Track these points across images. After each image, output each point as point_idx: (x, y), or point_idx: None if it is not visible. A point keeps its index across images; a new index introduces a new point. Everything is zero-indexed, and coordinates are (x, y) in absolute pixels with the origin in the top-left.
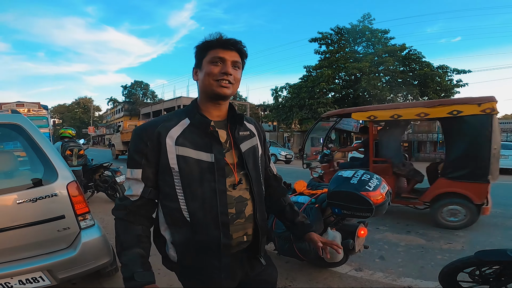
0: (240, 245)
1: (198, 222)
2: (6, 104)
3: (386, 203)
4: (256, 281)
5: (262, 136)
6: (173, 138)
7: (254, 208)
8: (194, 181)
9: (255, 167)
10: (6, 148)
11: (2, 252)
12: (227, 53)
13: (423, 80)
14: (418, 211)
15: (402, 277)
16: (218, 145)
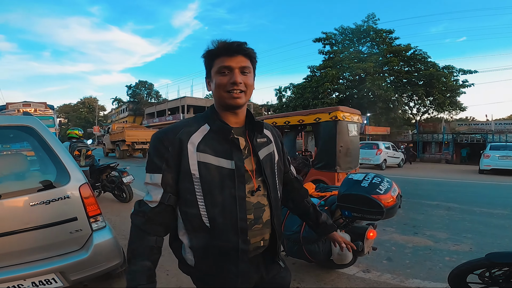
0: (257, 249)
1: (218, 228)
2: (12, 104)
3: (397, 206)
4: (270, 284)
5: (279, 141)
6: (194, 144)
7: (271, 214)
8: (214, 188)
9: (272, 173)
10: (13, 147)
11: (15, 254)
12: (233, 60)
13: (429, 80)
14: (426, 213)
15: (410, 278)
16: (238, 152)
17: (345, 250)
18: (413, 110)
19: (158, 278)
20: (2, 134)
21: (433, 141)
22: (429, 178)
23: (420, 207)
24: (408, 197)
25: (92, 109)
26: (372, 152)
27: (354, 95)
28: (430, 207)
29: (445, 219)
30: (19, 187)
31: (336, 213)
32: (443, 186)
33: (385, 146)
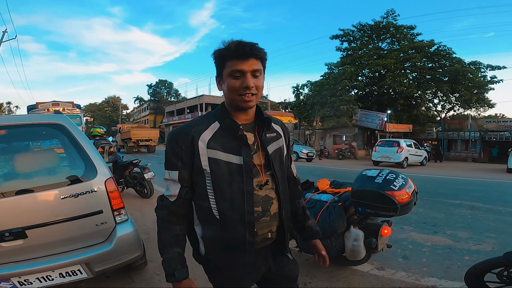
0: (265, 241)
1: (227, 220)
2: (42, 103)
3: (412, 202)
4: (278, 276)
5: (287, 137)
6: (205, 142)
7: (279, 207)
8: (224, 182)
9: (281, 167)
10: (43, 145)
11: (46, 246)
12: (245, 63)
13: (454, 77)
14: (448, 212)
15: (426, 277)
16: (246, 148)
17: (358, 247)
18: (438, 107)
19: None
20: (35, 132)
21: (459, 138)
22: (453, 176)
23: (441, 206)
24: (430, 196)
25: (116, 108)
26: (393, 150)
27: (374, 92)
28: (453, 206)
29: (467, 218)
30: (50, 181)
31: (350, 210)
32: (468, 185)
33: (406, 143)
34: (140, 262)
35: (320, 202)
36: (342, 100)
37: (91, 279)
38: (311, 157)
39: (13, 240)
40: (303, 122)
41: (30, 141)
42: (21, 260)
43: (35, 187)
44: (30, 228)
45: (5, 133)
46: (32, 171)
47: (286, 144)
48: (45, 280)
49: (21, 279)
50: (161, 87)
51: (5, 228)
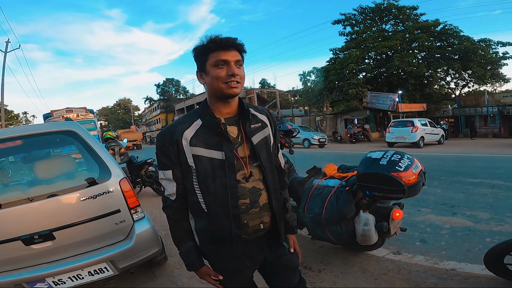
0: (257, 232)
1: (213, 214)
2: (57, 111)
3: (420, 183)
4: (276, 266)
5: (273, 126)
6: (187, 140)
7: (269, 197)
8: (207, 178)
9: (269, 157)
10: (63, 151)
11: (72, 246)
12: (229, 54)
13: (464, 54)
14: (467, 192)
15: (444, 260)
16: (228, 143)
17: (369, 231)
18: (451, 85)
19: None
20: (49, 140)
21: (476, 114)
22: (472, 154)
23: (460, 186)
24: (448, 175)
25: (128, 110)
26: (407, 130)
27: (383, 74)
28: (472, 185)
29: (488, 198)
30: (70, 185)
31: (359, 194)
32: (488, 162)
33: (421, 122)
34: (160, 257)
35: (327, 188)
36: (350, 84)
37: (118, 276)
38: (323, 143)
39: (42, 242)
40: (313, 109)
41: (46, 149)
42: (52, 261)
43: (57, 191)
44: (57, 230)
45: (21, 143)
46: (52, 177)
47: (273, 133)
48: (76, 279)
49: (55, 279)
50: (169, 86)
51: (34, 231)
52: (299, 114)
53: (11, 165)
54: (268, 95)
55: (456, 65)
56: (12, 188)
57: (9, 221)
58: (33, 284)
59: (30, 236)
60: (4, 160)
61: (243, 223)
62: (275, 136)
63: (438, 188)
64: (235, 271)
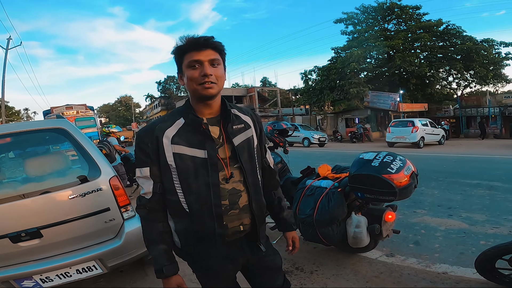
0: (236, 234)
1: (195, 214)
2: (56, 107)
3: (412, 185)
4: (258, 268)
5: (258, 127)
6: (169, 138)
7: (249, 199)
8: (189, 176)
9: (250, 159)
10: (62, 149)
11: (61, 244)
12: (202, 53)
13: (467, 54)
14: (464, 193)
15: (437, 263)
16: (210, 141)
17: (360, 233)
18: (453, 85)
19: None
20: (39, 137)
21: (477, 115)
22: (472, 155)
23: (458, 187)
24: (446, 176)
25: (128, 107)
26: (407, 130)
27: (385, 73)
28: (470, 186)
29: (485, 200)
30: (59, 183)
31: (351, 195)
32: (487, 163)
33: (421, 123)
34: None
35: (319, 189)
36: (351, 83)
37: (108, 274)
38: (323, 142)
39: (30, 240)
40: (314, 108)
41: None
42: (40, 259)
43: (47, 188)
44: (44, 228)
45: (10, 141)
46: (42, 174)
47: (257, 134)
48: (64, 276)
49: (42, 277)
50: (170, 83)
51: (21, 229)
52: (299, 113)
53: (2, 161)
54: (269, 94)
55: (458, 65)
56: (4, 185)
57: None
58: (21, 281)
59: (17, 234)
60: None
61: (223, 224)
62: (260, 137)
63: (435, 189)
64: (218, 272)
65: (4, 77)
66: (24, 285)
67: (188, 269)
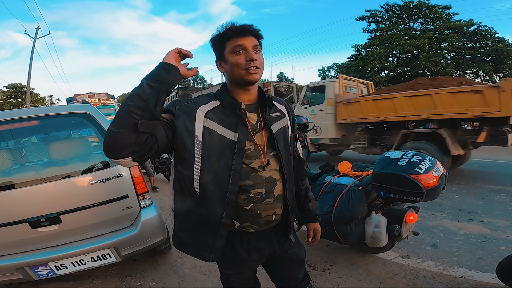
0: (269, 223)
1: (206, 196)
2: (80, 95)
3: (440, 187)
4: (283, 260)
5: (291, 117)
6: (203, 111)
7: (284, 188)
8: (213, 154)
9: (286, 147)
10: (83, 134)
11: (78, 231)
12: (245, 39)
13: (497, 56)
14: (486, 199)
15: (455, 267)
16: (243, 126)
17: (379, 233)
18: None
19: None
20: (65, 121)
21: None
22: (495, 160)
23: (480, 192)
24: (467, 181)
25: None
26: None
27: (407, 73)
28: (493, 192)
29: (508, 206)
30: (83, 167)
31: (372, 194)
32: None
33: None
34: (164, 246)
35: (339, 186)
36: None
37: (120, 263)
38: None
39: (49, 225)
40: None
41: (61, 131)
42: (56, 245)
43: (70, 172)
44: (64, 213)
45: (37, 123)
46: (66, 158)
47: (291, 123)
48: (79, 264)
49: (57, 264)
50: None
51: (41, 214)
52: None
53: (25, 145)
54: (285, 89)
55: (488, 67)
56: (26, 168)
57: (19, 203)
58: (36, 268)
59: (37, 219)
60: (18, 140)
61: (255, 213)
62: (293, 127)
63: (456, 193)
64: (242, 262)
65: (30, 65)
66: (38, 272)
67: (198, 260)
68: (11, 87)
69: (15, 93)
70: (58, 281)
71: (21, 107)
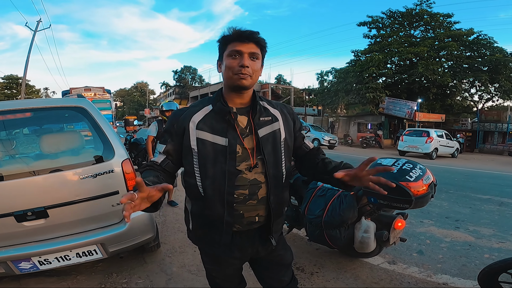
0: (252, 224)
1: (208, 198)
2: (75, 88)
3: (429, 195)
4: (268, 262)
5: (289, 119)
6: (195, 123)
7: (267, 191)
8: (208, 161)
9: (274, 151)
10: (76, 128)
11: (65, 226)
12: (244, 45)
13: (494, 66)
14: (473, 207)
15: (438, 273)
16: (233, 131)
17: (368, 239)
18: (475, 97)
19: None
20: (59, 114)
21: (496, 130)
22: (485, 170)
23: (468, 201)
24: (457, 189)
25: (143, 93)
26: (421, 140)
27: (405, 80)
28: (480, 201)
29: (494, 215)
30: (74, 161)
31: (363, 200)
32: (500, 179)
33: (437, 134)
34: (153, 244)
35: (331, 190)
36: (368, 87)
37: (106, 259)
38: (333, 144)
39: (35, 220)
40: (327, 109)
41: (54, 124)
42: (41, 240)
43: (61, 166)
44: (52, 208)
45: (30, 116)
46: (57, 151)
47: (287, 127)
48: (63, 259)
49: (41, 259)
50: (186, 73)
51: (28, 208)
52: (312, 113)
53: (17, 136)
54: (282, 91)
55: (484, 77)
56: (15, 160)
57: (6, 195)
58: (18, 263)
59: (23, 213)
60: (10, 131)
61: (238, 213)
62: (294, 128)
63: (444, 201)
64: (223, 258)
65: (28, 57)
66: (21, 267)
67: (187, 259)
68: (7, 78)
69: (10, 84)
70: (40, 276)
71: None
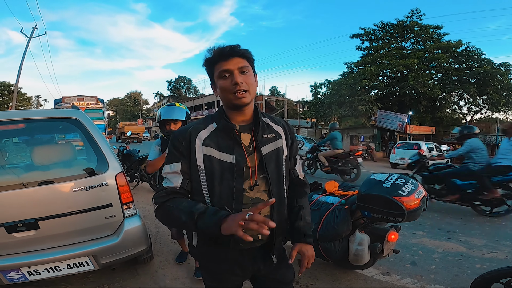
0: (254, 242)
1: None
2: (68, 97)
3: (421, 209)
4: (269, 280)
5: (290, 138)
6: (201, 139)
7: (271, 210)
8: (215, 179)
9: (278, 169)
10: (67, 138)
11: (56, 237)
12: (229, 62)
13: (482, 78)
14: (464, 218)
15: (431, 284)
16: (239, 148)
17: (362, 251)
18: (463, 110)
19: None
20: (52, 126)
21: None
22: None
23: (459, 212)
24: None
25: (137, 103)
26: (413, 153)
27: (396, 93)
28: (471, 212)
29: (485, 226)
30: (66, 174)
31: (357, 213)
32: None
33: (428, 146)
34: (146, 256)
35: (326, 204)
36: (361, 100)
37: (97, 271)
38: None
39: (26, 231)
40: (320, 121)
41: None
42: (31, 251)
43: (52, 178)
44: (43, 220)
45: (24, 127)
46: (49, 163)
47: (288, 145)
48: (53, 270)
49: (30, 269)
50: (181, 83)
51: (18, 219)
52: (305, 125)
53: (12, 148)
54: (276, 103)
55: (472, 89)
56: (7, 172)
57: None
58: (7, 273)
59: (14, 224)
60: (2, 142)
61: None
62: (291, 149)
63: (436, 212)
64: (224, 276)
65: (21, 64)
66: (9, 277)
67: (180, 272)
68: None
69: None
70: (29, 286)
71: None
